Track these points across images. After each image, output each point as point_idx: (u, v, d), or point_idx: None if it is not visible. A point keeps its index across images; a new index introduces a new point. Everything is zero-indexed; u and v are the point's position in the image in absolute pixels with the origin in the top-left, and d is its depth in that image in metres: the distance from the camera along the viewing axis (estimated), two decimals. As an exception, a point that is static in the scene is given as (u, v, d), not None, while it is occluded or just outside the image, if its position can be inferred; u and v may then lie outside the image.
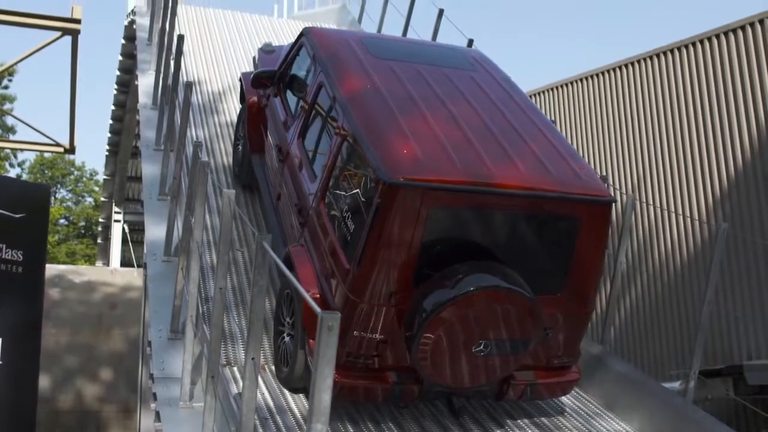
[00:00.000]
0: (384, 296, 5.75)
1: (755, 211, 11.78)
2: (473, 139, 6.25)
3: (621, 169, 14.60)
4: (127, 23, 16.68)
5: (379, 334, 5.84)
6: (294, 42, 8.55)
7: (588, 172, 6.35)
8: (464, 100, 6.91)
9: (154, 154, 10.02)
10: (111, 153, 22.43)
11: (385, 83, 6.82)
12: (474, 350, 5.80)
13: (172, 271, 7.76)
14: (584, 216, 6.04)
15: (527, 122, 6.80)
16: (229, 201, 5.69)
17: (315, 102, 7.35)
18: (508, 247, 6.04)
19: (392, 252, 5.65)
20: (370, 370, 5.98)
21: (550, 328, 6.20)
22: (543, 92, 17.24)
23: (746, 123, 12.07)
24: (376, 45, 7.82)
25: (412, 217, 5.59)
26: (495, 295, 5.67)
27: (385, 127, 6.21)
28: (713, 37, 12.75)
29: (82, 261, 42.26)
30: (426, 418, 6.73)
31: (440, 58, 7.92)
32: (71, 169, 48.91)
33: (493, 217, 6.00)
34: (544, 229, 6.21)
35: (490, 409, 7.03)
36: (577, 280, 6.20)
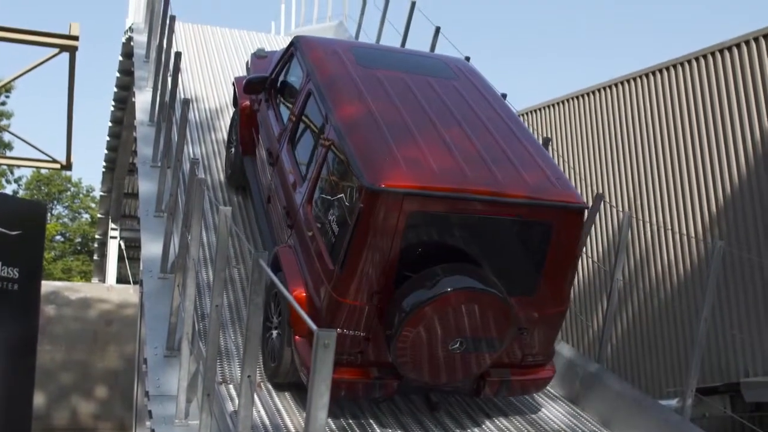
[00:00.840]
0: (366, 296, 6.05)
1: (751, 229, 11.79)
2: (452, 146, 6.55)
3: (617, 186, 14.62)
4: (124, 40, 16.73)
5: (362, 332, 6.16)
6: (285, 50, 8.80)
7: (561, 179, 6.64)
8: (446, 108, 7.21)
9: (151, 170, 10.02)
10: (108, 169, 22.44)
11: (371, 92, 7.11)
12: (450, 348, 6.10)
13: (169, 288, 7.75)
14: (557, 221, 6.34)
15: (505, 131, 7.09)
16: (226, 218, 5.69)
17: (304, 109, 7.63)
18: (484, 251, 6.31)
19: (374, 254, 5.95)
20: (352, 366, 6.28)
21: (524, 328, 6.51)
22: (539, 110, 17.28)
23: (741, 141, 12.10)
24: (364, 54, 8.12)
25: (392, 222, 5.89)
26: (470, 295, 5.96)
27: (368, 135, 6.49)
28: (708, 55, 12.80)
29: (78, 278, 42.16)
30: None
31: (426, 67, 8.23)
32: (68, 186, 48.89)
33: (469, 222, 6.26)
34: (519, 234, 6.48)
35: (486, 413, 7.02)
36: (551, 282, 6.49)
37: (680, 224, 13.06)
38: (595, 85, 15.57)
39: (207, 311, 7.36)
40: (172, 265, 7.93)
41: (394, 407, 6.97)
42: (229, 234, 5.85)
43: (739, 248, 11.80)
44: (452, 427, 6.90)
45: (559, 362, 8.06)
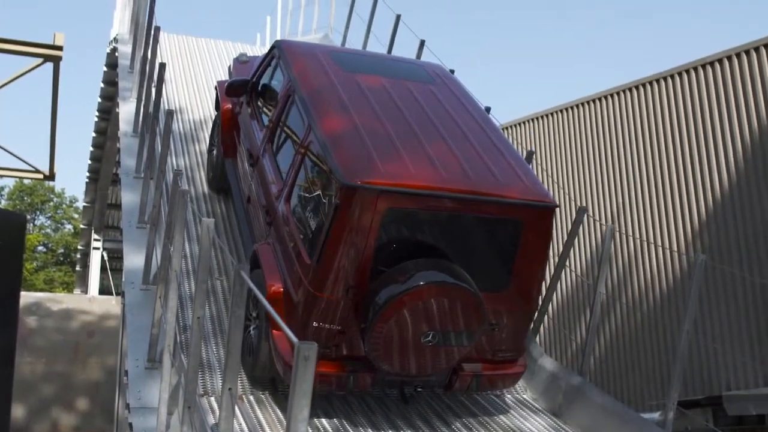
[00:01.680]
0: (342, 290, 6.21)
1: (733, 243, 11.85)
2: (427, 147, 6.76)
3: (600, 200, 14.68)
4: (109, 51, 16.69)
5: (337, 325, 6.31)
6: (266, 53, 8.95)
7: (533, 179, 6.89)
8: (421, 110, 7.44)
9: (134, 182, 9.98)
10: (91, 180, 22.33)
11: (349, 94, 7.33)
12: (423, 340, 6.25)
13: (151, 299, 7.70)
14: (527, 219, 6.55)
15: (479, 132, 7.34)
16: (208, 230, 5.67)
17: (284, 111, 7.81)
18: (456, 247, 6.50)
19: (349, 250, 6.12)
20: (328, 359, 6.39)
21: (495, 323, 6.70)
22: (523, 123, 17.35)
23: (724, 155, 12.18)
24: (343, 58, 8.33)
25: (367, 218, 6.07)
26: (442, 289, 6.14)
27: (345, 134, 6.69)
28: (691, 69, 12.89)
29: (60, 288, 41.91)
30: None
31: (404, 71, 8.48)
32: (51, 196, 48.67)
33: (442, 219, 6.49)
34: (490, 231, 6.70)
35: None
36: (522, 278, 6.70)
37: (663, 237, 13.12)
38: (578, 99, 15.64)
39: (189, 323, 7.33)
40: (155, 277, 7.90)
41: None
42: (212, 245, 5.83)
43: (721, 261, 11.86)
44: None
45: (541, 375, 8.07)
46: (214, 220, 5.98)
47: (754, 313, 11.38)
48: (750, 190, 11.69)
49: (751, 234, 11.58)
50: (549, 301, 9.09)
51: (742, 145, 11.89)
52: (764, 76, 11.57)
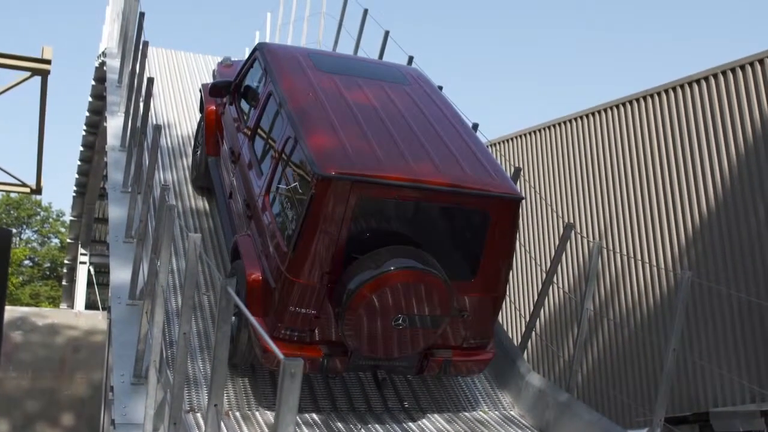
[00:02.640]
0: (317, 276, 6.52)
1: (720, 260, 11.90)
2: (399, 140, 7.15)
3: (588, 216, 14.73)
4: (97, 65, 16.66)
5: (313, 310, 6.62)
6: (249, 55, 9.31)
7: (500, 173, 7.20)
8: (395, 108, 7.82)
9: (122, 196, 9.95)
10: (78, 194, 22.24)
11: (326, 92, 7.72)
12: (394, 323, 6.55)
13: (137, 314, 7.67)
14: (494, 211, 6.85)
15: (450, 128, 7.73)
16: (195, 245, 5.65)
17: (264, 109, 8.18)
18: (426, 236, 6.81)
19: (324, 237, 6.45)
20: (304, 343, 6.74)
21: (464, 311, 7.00)
22: (511, 139, 17.41)
23: (710, 172, 12.25)
24: (321, 59, 8.79)
25: (341, 207, 6.41)
26: (412, 274, 6.43)
27: (321, 129, 7.05)
28: (678, 87, 12.98)
29: (46, 303, 41.66)
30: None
31: (378, 72, 8.91)
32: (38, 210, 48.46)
33: (413, 209, 6.81)
34: (459, 221, 7.01)
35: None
36: (489, 267, 6.98)
37: (650, 254, 13.16)
38: (566, 115, 15.71)
39: (176, 338, 7.29)
40: (141, 292, 7.86)
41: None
42: (199, 260, 5.82)
43: (708, 278, 11.90)
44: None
45: (528, 391, 8.06)
46: (201, 235, 5.95)
47: (741, 330, 11.42)
48: (737, 208, 11.76)
49: (738, 251, 11.64)
50: (536, 317, 9.10)
51: (729, 163, 11.96)
52: (750, 94, 11.66)
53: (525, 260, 16.56)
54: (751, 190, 11.57)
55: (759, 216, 11.41)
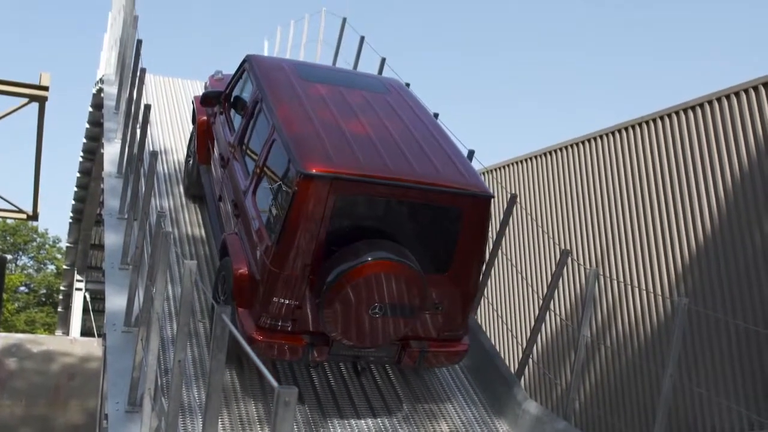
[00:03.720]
0: (299, 268, 6.94)
1: (717, 287, 11.89)
2: (377, 142, 7.61)
3: (584, 242, 14.72)
4: (95, 91, 16.72)
5: (295, 301, 7.03)
6: (238, 67, 9.78)
7: (472, 173, 7.69)
8: (374, 113, 8.32)
9: (118, 223, 9.94)
10: (75, 220, 22.24)
11: (309, 98, 8.24)
12: (371, 312, 6.94)
13: (132, 342, 7.63)
14: (466, 208, 7.30)
15: (425, 132, 8.22)
16: (191, 272, 5.64)
17: (252, 115, 8.64)
18: (402, 231, 7.24)
19: (306, 230, 6.87)
20: (287, 333, 7.15)
21: (440, 303, 7.41)
22: (508, 166, 17.45)
23: (706, 199, 12.26)
24: (306, 70, 9.35)
25: (322, 202, 6.85)
26: (387, 265, 6.83)
27: (304, 131, 7.52)
28: (673, 114, 13.02)
29: (42, 330, 41.47)
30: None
31: (360, 82, 9.47)
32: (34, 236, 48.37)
33: (389, 205, 7.24)
34: (433, 217, 7.37)
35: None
36: (462, 262, 7.39)
37: (647, 281, 13.14)
38: (562, 142, 15.75)
39: (171, 366, 7.25)
40: (137, 319, 7.83)
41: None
42: (194, 287, 5.80)
43: (705, 305, 11.88)
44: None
45: (525, 419, 8.02)
46: (196, 262, 5.96)
47: (738, 357, 11.39)
48: (733, 234, 11.76)
49: (735, 278, 11.63)
50: (533, 344, 9.08)
51: (725, 189, 11.98)
52: (745, 121, 11.70)
53: (521, 287, 16.54)
54: (747, 217, 11.57)
55: (755, 243, 11.41)
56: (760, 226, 11.36)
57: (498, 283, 17.12)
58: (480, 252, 7.51)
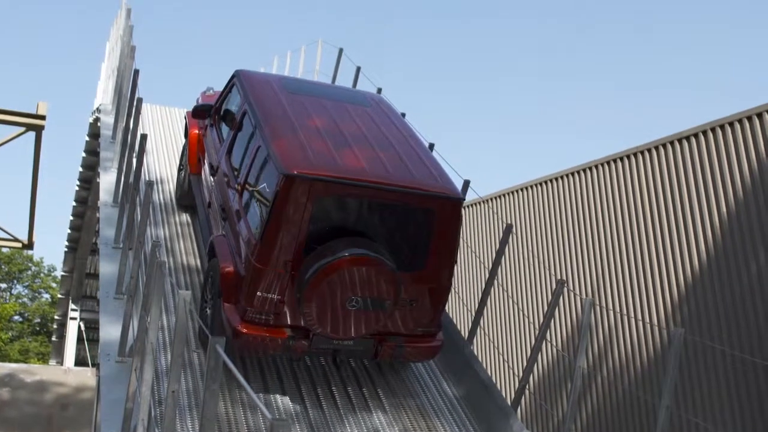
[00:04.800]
0: (281, 264, 7.37)
1: (713, 316, 11.87)
2: (355, 147, 8.08)
3: (580, 272, 14.72)
4: (92, 120, 16.75)
5: (277, 295, 7.44)
6: (227, 81, 10.24)
7: (444, 177, 8.12)
8: (354, 123, 8.78)
9: (113, 252, 9.92)
10: (70, 249, 22.19)
11: (293, 108, 8.72)
12: (348, 305, 7.38)
13: (126, 372, 7.59)
14: (438, 209, 7.74)
15: (402, 140, 8.68)
16: (185, 302, 5.63)
17: (240, 125, 9.12)
18: (378, 230, 7.67)
19: (288, 228, 7.31)
20: (270, 326, 7.54)
21: (414, 300, 7.81)
22: (504, 195, 17.48)
23: (701, 228, 12.28)
24: (291, 83, 9.85)
25: (302, 202, 7.29)
26: (363, 260, 7.26)
27: (287, 137, 7.97)
28: (668, 143, 13.07)
29: (36, 359, 41.23)
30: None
31: (342, 95, 9.98)
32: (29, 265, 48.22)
33: (365, 205, 7.66)
34: (407, 218, 7.78)
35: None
36: (435, 260, 7.81)
37: (643, 311, 13.12)
38: (557, 172, 15.80)
39: (165, 396, 7.20)
40: (131, 349, 7.79)
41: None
42: (189, 318, 5.78)
43: (701, 335, 11.85)
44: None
45: (522, 450, 7.97)
46: (191, 292, 5.95)
47: (735, 387, 11.35)
48: (728, 264, 11.77)
49: (731, 307, 11.62)
50: (529, 374, 9.04)
51: (720, 219, 12.00)
52: (740, 151, 11.75)
53: (517, 317, 16.51)
54: (742, 246, 11.59)
55: (751, 272, 11.42)
56: (756, 256, 11.37)
57: (494, 312, 17.09)
58: (451, 251, 7.90)
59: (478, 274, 18.03)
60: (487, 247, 17.88)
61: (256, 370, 8.35)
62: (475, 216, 18.61)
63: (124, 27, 14.59)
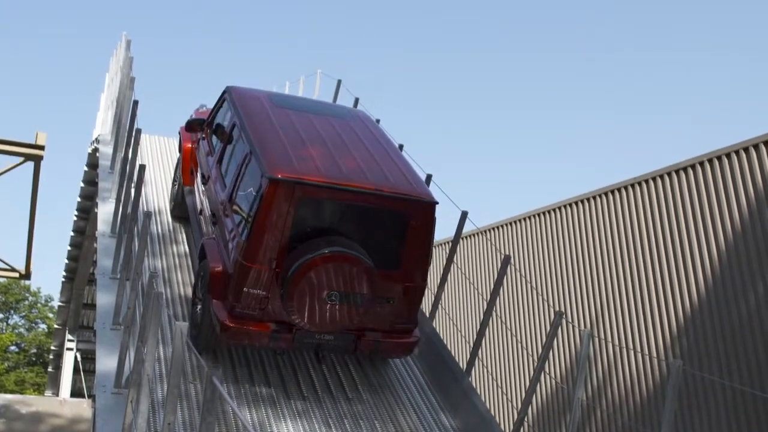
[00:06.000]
0: (266, 261, 7.92)
1: (712, 348, 11.84)
2: (335, 155, 8.70)
3: (579, 303, 14.69)
4: (90, 151, 16.78)
5: (262, 291, 7.98)
6: (219, 97, 10.88)
7: (419, 183, 8.72)
8: (336, 134, 9.37)
9: (110, 282, 9.90)
10: (67, 279, 22.12)
11: (279, 120, 9.32)
12: (328, 300, 7.90)
13: (122, 403, 7.54)
14: (412, 212, 8.31)
15: (380, 149, 9.28)
16: (182, 333, 5.61)
17: (230, 136, 9.75)
18: (357, 231, 8.18)
19: (272, 228, 7.88)
20: (256, 320, 8.10)
21: (391, 297, 8.36)
22: (502, 226, 17.49)
23: (699, 259, 12.28)
24: (279, 98, 10.51)
25: (286, 203, 7.88)
26: (342, 257, 7.83)
27: (273, 144, 8.59)
28: (665, 174, 13.11)
29: (31, 390, 40.96)
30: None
31: (326, 110, 10.63)
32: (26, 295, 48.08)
33: (345, 208, 8.23)
34: (384, 220, 8.32)
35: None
36: (411, 260, 8.37)
37: (642, 342, 13.08)
38: (555, 202, 15.82)
39: (161, 428, 7.15)
40: (127, 380, 7.75)
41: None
42: (185, 349, 5.76)
43: (700, 367, 11.81)
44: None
45: (520, 484, 7.91)
46: (188, 323, 5.92)
47: (735, 419, 11.29)
48: (726, 296, 11.75)
49: (730, 339, 11.59)
50: (528, 406, 8.99)
51: (718, 250, 12.01)
52: (737, 182, 11.78)
53: (516, 348, 16.45)
54: (741, 278, 11.58)
55: (749, 304, 11.40)
56: (754, 287, 11.36)
57: (492, 344, 17.03)
58: (425, 252, 8.44)
59: (476, 305, 17.99)
60: (485, 278, 17.85)
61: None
62: (473, 247, 18.60)
63: (123, 58, 14.66)
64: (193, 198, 10.83)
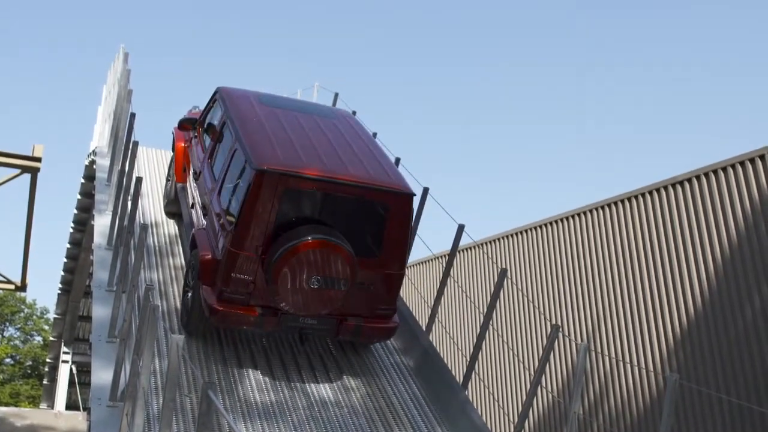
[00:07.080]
0: (253, 248, 8.41)
1: (708, 361, 11.84)
2: (319, 149, 9.23)
3: (575, 317, 14.68)
4: (87, 163, 16.77)
5: (249, 276, 8.48)
6: (210, 97, 11.35)
7: (397, 176, 9.19)
8: (320, 131, 9.88)
9: (106, 295, 9.87)
10: (63, 291, 22.08)
11: (266, 117, 9.82)
12: (311, 284, 8.34)
13: (117, 416, 7.51)
14: (391, 202, 8.78)
15: (362, 145, 9.77)
16: (177, 346, 5.59)
17: (220, 133, 10.23)
18: (338, 220, 8.62)
19: (258, 217, 8.36)
20: (243, 304, 8.57)
21: (371, 284, 8.81)
22: (499, 239, 17.49)
23: (696, 273, 12.29)
24: (267, 98, 10.89)
25: (271, 193, 8.36)
26: (324, 243, 8.29)
27: (260, 139, 9.09)
28: (662, 188, 13.13)
29: (26, 403, 40.79)
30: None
31: (315, 110, 11.06)
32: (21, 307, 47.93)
33: (327, 198, 8.65)
34: (364, 210, 8.76)
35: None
36: (390, 248, 8.82)
37: (638, 356, 13.07)
38: (552, 216, 15.84)
39: (156, 442, 7.11)
40: (122, 393, 7.72)
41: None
42: (181, 362, 5.74)
43: (697, 380, 11.80)
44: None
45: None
46: (184, 336, 5.91)
47: (732, 434, 11.27)
48: (723, 309, 11.76)
49: (726, 352, 11.59)
50: (524, 420, 8.97)
51: (714, 264, 12.02)
52: (733, 195, 11.81)
53: (512, 362, 16.43)
54: (738, 291, 11.59)
55: (746, 317, 11.41)
56: (751, 300, 11.36)
57: (489, 357, 17.01)
58: (403, 241, 8.87)
59: (473, 318, 17.98)
60: (482, 291, 17.85)
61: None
62: (469, 260, 18.61)
63: (121, 71, 14.67)
64: (186, 193, 11.27)
